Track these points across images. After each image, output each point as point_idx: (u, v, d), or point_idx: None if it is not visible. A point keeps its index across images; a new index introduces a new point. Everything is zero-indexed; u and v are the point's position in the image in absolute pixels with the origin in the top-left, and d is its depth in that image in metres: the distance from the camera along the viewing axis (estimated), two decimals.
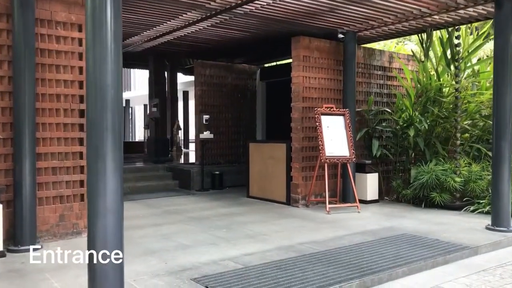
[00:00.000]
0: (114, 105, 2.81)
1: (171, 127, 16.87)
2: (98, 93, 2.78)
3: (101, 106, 2.78)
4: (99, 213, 2.77)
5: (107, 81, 2.77)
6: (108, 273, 2.86)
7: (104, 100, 2.78)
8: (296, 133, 7.45)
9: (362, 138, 8.13)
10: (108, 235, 2.80)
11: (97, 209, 2.77)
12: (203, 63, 10.21)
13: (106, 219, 2.77)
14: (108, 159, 2.79)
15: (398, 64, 8.91)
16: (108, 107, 2.79)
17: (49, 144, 5.11)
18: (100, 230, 2.78)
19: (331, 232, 5.64)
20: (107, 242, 2.81)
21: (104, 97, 2.78)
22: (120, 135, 2.88)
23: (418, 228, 5.83)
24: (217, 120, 10.33)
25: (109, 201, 2.78)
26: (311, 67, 7.55)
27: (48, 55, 5.10)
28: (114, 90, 2.81)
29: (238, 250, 4.77)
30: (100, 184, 2.76)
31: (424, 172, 7.33)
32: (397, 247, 4.84)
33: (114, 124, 2.81)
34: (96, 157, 2.77)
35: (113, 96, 2.80)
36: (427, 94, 7.60)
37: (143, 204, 7.81)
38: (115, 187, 2.80)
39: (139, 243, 5.05)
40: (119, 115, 2.84)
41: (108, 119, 2.79)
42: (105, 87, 2.77)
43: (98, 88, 2.78)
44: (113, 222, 2.78)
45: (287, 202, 7.63)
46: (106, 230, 2.78)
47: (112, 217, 2.78)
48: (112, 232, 2.79)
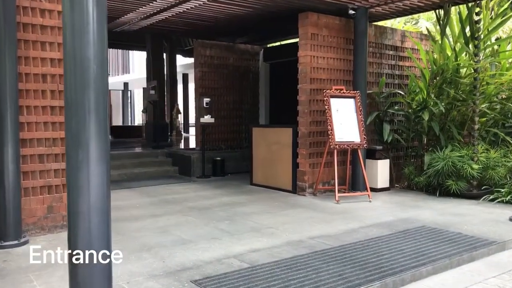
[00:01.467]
0: (97, 83, 2.34)
1: (170, 111, 16.38)
2: (77, 69, 2.30)
3: (81, 84, 2.30)
4: (81, 212, 2.32)
5: (89, 54, 2.29)
6: (93, 278, 2.42)
7: (85, 77, 2.31)
8: (303, 117, 6.97)
9: (373, 122, 7.66)
10: (93, 238, 2.35)
11: (78, 208, 2.32)
12: (203, 42, 9.67)
13: (90, 220, 2.32)
14: (91, 147, 2.33)
15: (411, 43, 8.37)
16: (91, 85, 2.32)
17: (35, 129, 4.64)
18: (82, 233, 2.33)
19: (343, 224, 5.21)
20: (91, 245, 2.36)
21: (85, 73, 2.30)
22: (106, 118, 2.41)
23: (436, 220, 5.40)
24: (218, 104, 9.84)
25: (93, 198, 2.33)
26: (320, 46, 7.03)
27: (31, 30, 4.59)
28: (97, 66, 2.33)
29: (243, 245, 4.35)
30: (82, 178, 2.31)
31: (439, 159, 6.87)
32: (417, 242, 4.41)
33: (98, 106, 2.35)
34: (77, 146, 2.31)
35: (96, 72, 2.33)
36: (443, 75, 7.09)
37: (141, 192, 7.39)
38: (100, 181, 2.35)
39: (134, 237, 4.63)
40: (104, 95, 2.37)
41: (91, 100, 2.32)
42: (86, 61, 2.29)
43: (78, 62, 2.30)
44: (98, 223, 2.33)
45: (293, 190, 7.19)
46: (90, 232, 2.34)
47: (96, 217, 2.33)
48: (96, 235, 2.34)
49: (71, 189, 2.34)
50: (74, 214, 2.32)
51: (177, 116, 16.48)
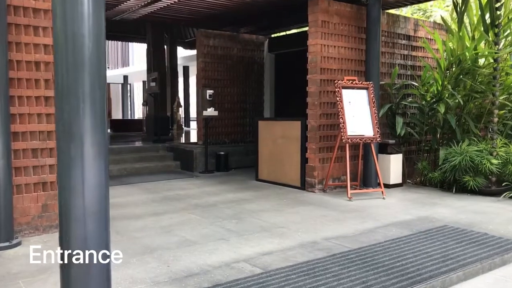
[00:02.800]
0: (93, 64, 1.98)
1: (171, 104, 16.02)
2: (69, 47, 1.94)
3: (74, 66, 1.95)
4: (75, 217, 1.97)
5: (82, 30, 1.93)
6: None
7: (77, 57, 1.95)
8: (313, 109, 6.61)
9: (384, 115, 7.30)
10: (88, 246, 2.00)
11: (70, 212, 1.97)
12: (206, 32, 9.27)
13: (85, 225, 1.97)
14: (86, 141, 1.98)
15: (424, 33, 7.99)
16: (85, 67, 1.96)
17: (28, 122, 4.28)
18: (76, 241, 1.98)
19: (359, 223, 4.87)
20: (86, 255, 2.01)
21: (78, 52, 1.94)
22: (104, 107, 2.06)
23: (457, 219, 5.06)
24: (221, 96, 9.47)
25: (88, 201, 1.98)
26: (330, 34, 6.65)
27: (23, 13, 4.22)
28: (93, 44, 1.97)
29: (253, 247, 4.01)
30: (75, 178, 1.96)
31: (456, 153, 6.53)
32: (442, 244, 4.07)
33: (93, 92, 1.99)
34: (69, 139, 1.96)
35: (91, 51, 1.97)
36: (461, 65, 6.71)
37: (142, 189, 7.05)
38: (96, 180, 2.00)
39: (135, 238, 4.29)
40: (101, 79, 2.02)
41: (85, 84, 1.96)
42: (79, 38, 1.93)
43: (70, 39, 1.94)
44: (94, 230, 1.98)
45: (301, 187, 6.85)
46: (85, 241, 1.98)
47: (92, 223, 1.98)
48: (92, 243, 1.99)
49: (62, 190, 1.99)
50: (67, 219, 1.97)
51: (178, 110, 16.11)
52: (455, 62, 6.84)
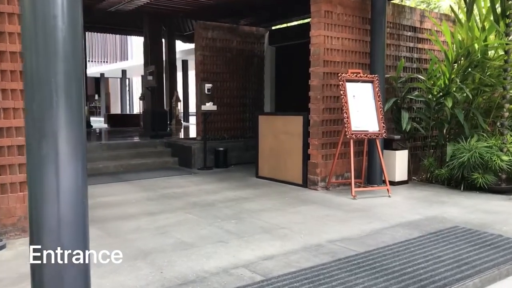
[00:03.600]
0: (67, 50, 1.71)
1: (169, 98, 15.73)
2: (39, 29, 1.67)
3: (45, 52, 1.68)
4: (48, 227, 1.70)
5: (54, 10, 1.66)
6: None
7: (50, 42, 1.68)
8: (316, 104, 6.33)
9: (389, 110, 7.03)
10: (64, 259, 1.74)
11: (42, 221, 1.70)
12: (204, 24, 8.98)
13: (59, 237, 1.71)
14: (61, 138, 1.71)
15: (430, 24, 7.70)
16: (58, 53, 1.69)
17: (13, 117, 4.02)
18: (50, 252, 1.72)
19: (365, 224, 4.62)
20: (62, 281, 1.75)
21: (50, 36, 1.67)
22: (81, 100, 1.79)
23: (468, 219, 4.80)
24: (220, 90, 9.19)
25: (64, 209, 1.72)
26: (334, 25, 6.36)
27: (7, 1, 3.95)
28: (68, 27, 1.70)
29: (253, 251, 3.76)
30: (47, 181, 1.69)
31: (465, 149, 6.26)
32: (454, 247, 3.82)
33: (69, 82, 1.72)
34: (39, 136, 1.69)
35: (66, 36, 1.70)
36: (470, 57, 6.43)
37: (138, 186, 6.79)
38: (72, 184, 1.74)
39: (128, 241, 4.03)
40: (77, 68, 1.74)
41: (58, 73, 1.69)
42: (51, 19, 1.66)
43: (40, 19, 1.67)
44: (71, 240, 1.72)
45: (303, 184, 6.59)
46: (60, 254, 1.72)
47: (68, 234, 1.71)
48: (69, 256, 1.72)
49: (33, 196, 1.72)
50: (38, 229, 1.71)
51: (176, 104, 15.84)
52: (464, 54, 6.55)
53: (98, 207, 5.33)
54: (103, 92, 28.95)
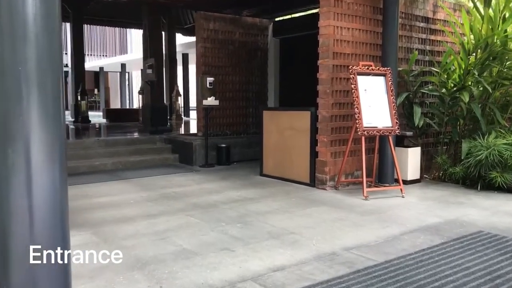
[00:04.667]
0: (41, 35, 1.35)
1: (169, 93, 15.37)
2: (3, 4, 1.31)
3: (10, 34, 1.32)
4: (17, 256, 1.35)
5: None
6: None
7: (16, 21, 1.32)
8: (324, 98, 5.98)
9: (401, 105, 6.66)
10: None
11: (11, 248, 1.35)
12: (205, 14, 8.59)
13: (33, 272, 1.36)
14: (33, 143, 1.36)
15: (443, 15, 7.32)
16: (28, 36, 1.33)
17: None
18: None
19: (381, 228, 4.28)
20: None
21: (16, 13, 1.31)
22: (60, 96, 1.43)
23: (491, 222, 4.46)
24: (222, 84, 8.83)
25: (37, 230, 1.37)
26: (344, 15, 5.99)
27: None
28: (39, 2, 1.34)
29: (261, 260, 3.42)
30: (16, 197, 1.34)
31: (482, 147, 5.91)
32: (482, 256, 3.48)
33: (43, 73, 1.36)
34: (5, 140, 1.34)
35: (37, 13, 1.34)
36: (490, 49, 6.06)
37: (136, 185, 6.45)
38: (49, 200, 1.38)
39: (124, 248, 3.69)
40: (55, 55, 1.39)
41: (29, 61, 1.34)
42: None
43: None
44: (48, 276, 1.37)
45: (311, 183, 6.25)
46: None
47: (43, 267, 1.36)
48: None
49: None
50: (5, 259, 1.36)
51: (177, 99, 15.49)
52: (481, 45, 6.18)
53: (93, 209, 5.01)
54: (102, 87, 28.57)
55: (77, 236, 3.99)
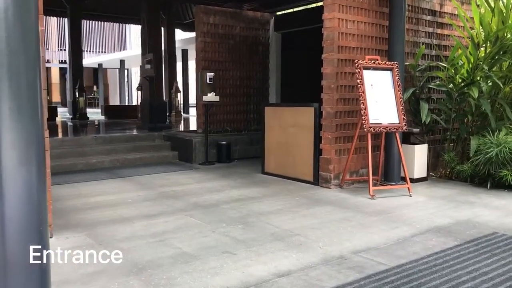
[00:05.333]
0: (12, 16, 1.14)
1: (168, 89, 15.16)
2: None
3: None
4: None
5: None
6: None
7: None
8: (329, 94, 5.77)
9: (407, 101, 6.46)
10: None
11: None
12: (205, 8, 8.38)
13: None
14: (4, 142, 1.15)
15: (451, 8, 7.11)
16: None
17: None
18: None
19: (389, 229, 4.08)
20: None
21: None
22: (38, 88, 1.23)
23: (505, 223, 4.27)
24: (222, 80, 8.63)
25: (11, 249, 1.17)
26: (349, 7, 5.78)
27: None
28: None
29: (265, 264, 3.22)
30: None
31: (492, 144, 5.72)
32: (500, 260, 3.28)
33: (14, 62, 1.16)
34: None
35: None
36: (501, 42, 5.85)
37: (135, 183, 6.26)
38: (23, 212, 1.18)
39: (121, 250, 3.48)
40: (28, 43, 1.18)
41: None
42: None
43: None
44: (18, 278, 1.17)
45: (314, 182, 6.05)
46: None
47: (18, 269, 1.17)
48: None
49: None
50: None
51: (176, 95, 15.28)
52: (492, 39, 5.97)
53: (89, 209, 4.81)
54: (101, 83, 28.34)
55: (70, 238, 3.80)
